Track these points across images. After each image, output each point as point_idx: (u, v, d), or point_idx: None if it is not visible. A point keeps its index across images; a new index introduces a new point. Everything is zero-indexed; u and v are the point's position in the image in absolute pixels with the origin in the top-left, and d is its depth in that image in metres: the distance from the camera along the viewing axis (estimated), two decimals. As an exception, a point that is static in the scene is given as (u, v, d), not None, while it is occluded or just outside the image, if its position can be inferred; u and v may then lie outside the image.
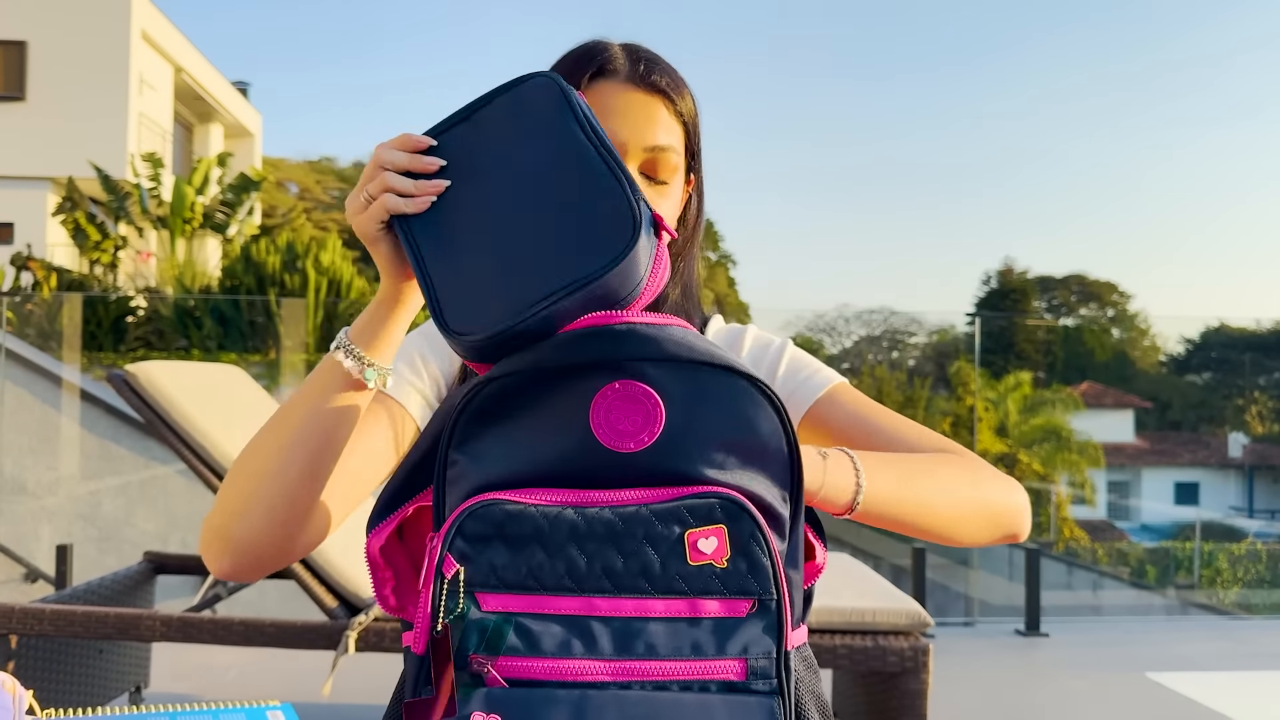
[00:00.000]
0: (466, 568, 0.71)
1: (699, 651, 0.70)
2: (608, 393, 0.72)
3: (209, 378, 2.67)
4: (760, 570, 0.71)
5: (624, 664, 0.70)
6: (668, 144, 1.00)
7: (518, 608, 0.70)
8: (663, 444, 0.72)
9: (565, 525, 0.70)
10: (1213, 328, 32.19)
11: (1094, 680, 3.62)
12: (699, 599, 0.71)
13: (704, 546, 0.71)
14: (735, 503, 0.71)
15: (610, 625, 0.70)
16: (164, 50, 19.95)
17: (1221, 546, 15.11)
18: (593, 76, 1.00)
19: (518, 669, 0.70)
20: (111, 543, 6.48)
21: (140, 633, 2.30)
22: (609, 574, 0.70)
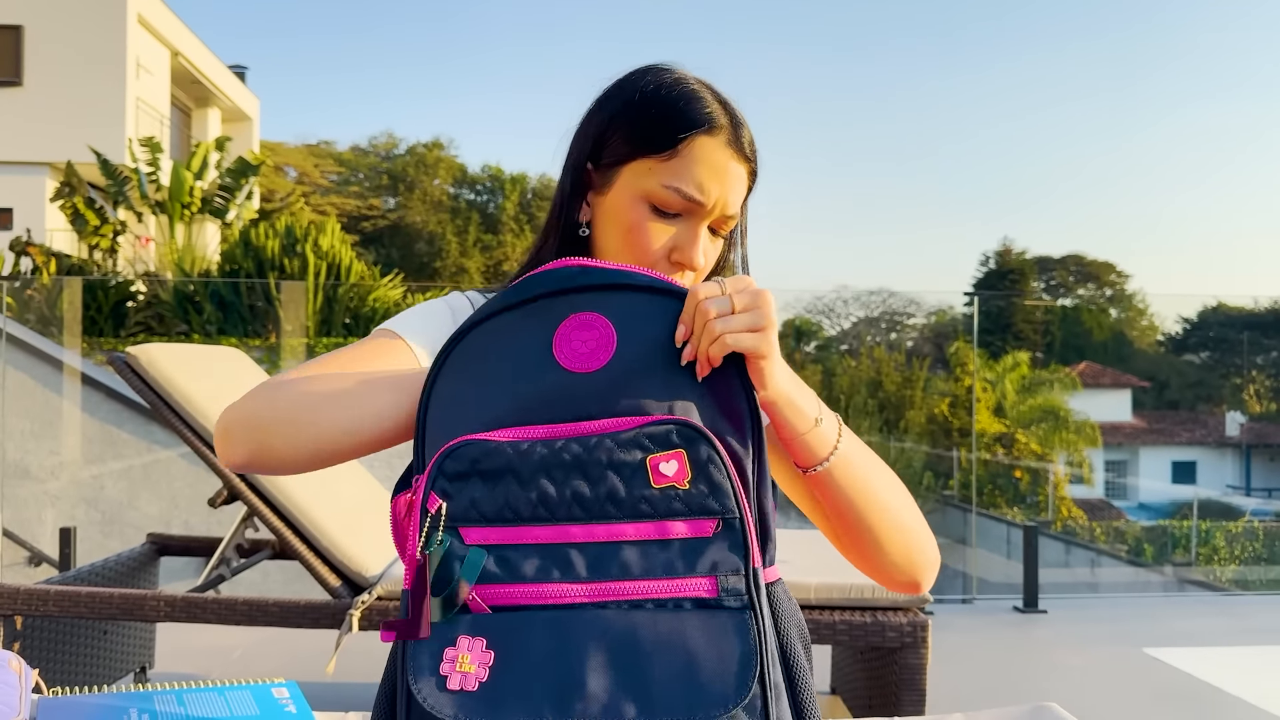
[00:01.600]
0: (448, 504, 0.75)
1: (670, 571, 0.75)
2: (570, 322, 0.81)
3: (210, 359, 2.69)
4: (720, 490, 0.76)
5: (600, 585, 0.74)
6: (736, 213, 1.06)
7: (497, 539, 0.75)
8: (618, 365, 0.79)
9: (535, 457, 0.76)
10: (1210, 307, 32.21)
11: (1092, 656, 3.65)
12: (666, 521, 0.75)
13: (665, 469, 0.76)
14: (691, 427, 0.76)
15: (585, 551, 0.75)
16: (160, 34, 19.86)
17: (1219, 525, 15.17)
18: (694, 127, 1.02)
19: (500, 595, 0.74)
20: (115, 526, 6.51)
21: (145, 613, 2.32)
22: (579, 501, 0.75)
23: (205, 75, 22.24)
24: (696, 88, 1.04)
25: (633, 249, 1.04)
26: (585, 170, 1.07)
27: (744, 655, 0.73)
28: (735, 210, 1.05)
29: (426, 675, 0.73)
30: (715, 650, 0.73)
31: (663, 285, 0.83)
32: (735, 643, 0.73)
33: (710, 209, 1.03)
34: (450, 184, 36.04)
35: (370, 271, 13.65)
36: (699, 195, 1.01)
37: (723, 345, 0.79)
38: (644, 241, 1.03)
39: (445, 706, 0.72)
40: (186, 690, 1.24)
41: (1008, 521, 12.28)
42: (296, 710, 1.23)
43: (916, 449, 14.69)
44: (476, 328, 0.82)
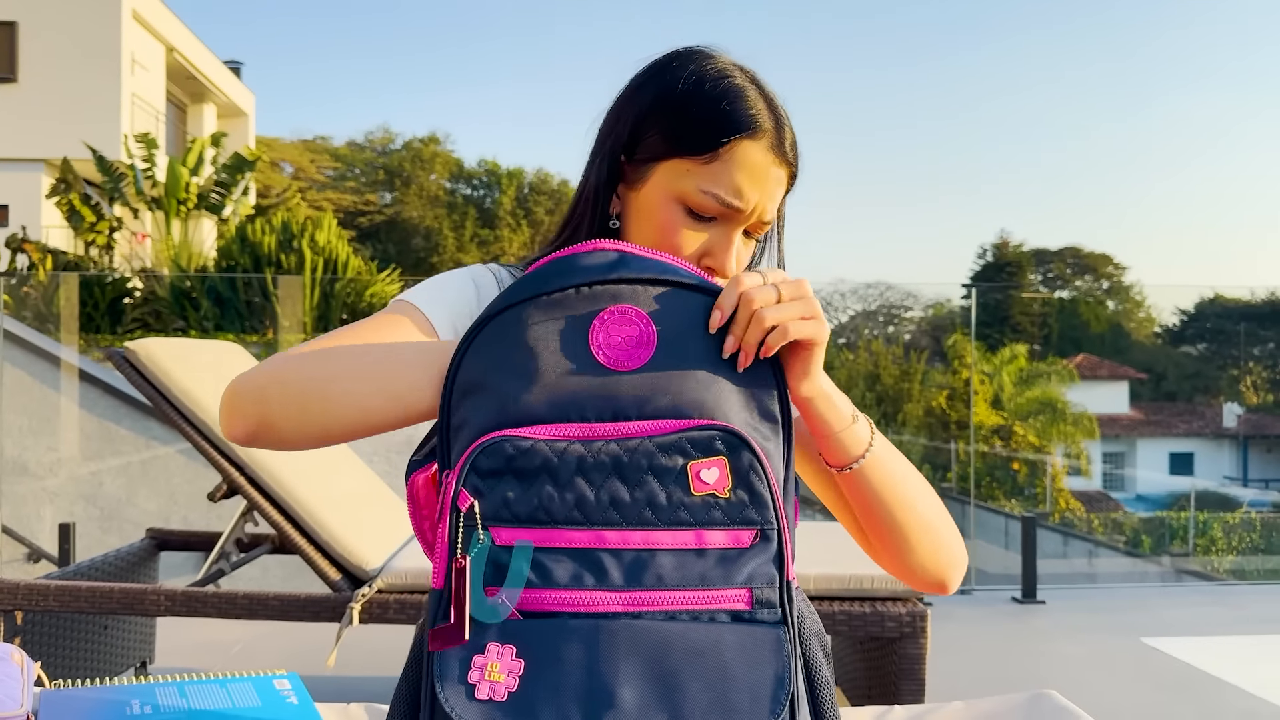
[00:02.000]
0: (480, 502, 0.73)
1: (706, 582, 0.73)
2: (605, 316, 0.77)
3: (208, 353, 2.69)
4: (760, 501, 0.74)
5: (634, 594, 0.72)
6: (774, 217, 1.03)
7: (530, 541, 0.72)
8: (658, 364, 0.76)
9: (573, 458, 0.73)
10: (1207, 299, 32.26)
11: (1090, 646, 3.66)
12: (704, 530, 0.73)
13: (706, 477, 0.74)
14: (735, 435, 0.74)
15: (620, 557, 0.73)
16: (155, 30, 19.80)
17: (1216, 515, 15.21)
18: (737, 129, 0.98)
19: (532, 600, 0.72)
20: (114, 522, 6.51)
21: (145, 607, 2.32)
22: (616, 506, 0.73)
23: (200, 71, 22.18)
24: (741, 84, 0.99)
25: (663, 249, 0.99)
26: (619, 162, 1.03)
27: (778, 674, 0.72)
28: (772, 216, 1.01)
29: (454, 683, 0.71)
30: (749, 667, 0.72)
31: (707, 285, 0.80)
32: (770, 660, 0.72)
33: (748, 215, 0.99)
34: (447, 179, 36.00)
35: (367, 267, 13.63)
36: (737, 202, 0.97)
37: (783, 333, 0.78)
38: (676, 243, 0.99)
39: (473, 716, 0.70)
40: (188, 682, 1.24)
41: (1006, 514, 12.31)
42: (298, 701, 1.23)
43: (914, 442, 14.71)
44: (507, 311, 0.78)
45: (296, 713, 1.20)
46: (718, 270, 1.00)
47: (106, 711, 1.14)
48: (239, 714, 1.17)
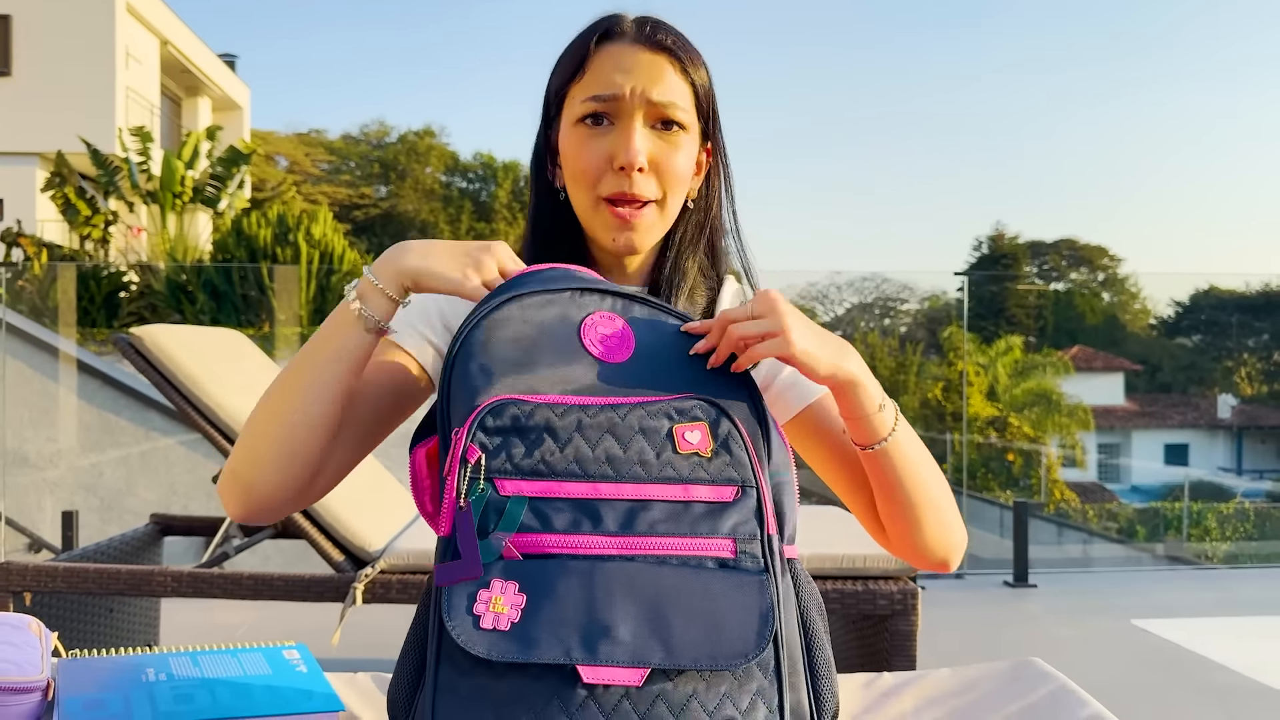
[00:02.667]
0: (486, 456, 0.80)
1: (694, 530, 0.80)
2: (595, 318, 0.89)
3: (212, 341, 2.72)
4: (739, 462, 0.82)
5: (628, 539, 0.79)
6: (672, 100, 1.04)
7: (531, 491, 0.79)
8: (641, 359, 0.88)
9: (572, 419, 0.81)
10: (1202, 290, 32.30)
11: (1080, 628, 3.72)
12: (690, 485, 0.81)
13: (690, 438, 0.82)
14: (713, 404, 0.84)
15: (614, 507, 0.80)
16: (149, 23, 19.76)
17: (1210, 506, 15.26)
18: (601, 39, 1.05)
19: (532, 544, 0.78)
20: (113, 512, 6.54)
21: (152, 588, 2.36)
22: (611, 461, 0.81)
23: (195, 64, 22.14)
24: (610, 14, 1.07)
25: (581, 179, 1.05)
26: (546, 136, 1.11)
27: (762, 612, 0.78)
28: (667, 97, 1.03)
29: (461, 615, 0.76)
30: (735, 606, 0.78)
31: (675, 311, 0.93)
32: (754, 600, 0.78)
33: (630, 100, 1.02)
34: (442, 172, 35.96)
35: (363, 260, 13.65)
36: (610, 90, 1.02)
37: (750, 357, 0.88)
38: (586, 164, 1.04)
39: (478, 643, 0.75)
40: (201, 652, 1.27)
41: (1000, 504, 12.35)
42: (307, 670, 1.26)
43: (910, 433, 14.72)
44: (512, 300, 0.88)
45: (306, 681, 1.22)
46: (626, 165, 1.02)
47: (122, 679, 1.16)
48: (250, 681, 1.20)
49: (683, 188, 1.08)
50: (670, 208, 1.07)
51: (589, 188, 1.05)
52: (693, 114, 1.06)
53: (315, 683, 1.21)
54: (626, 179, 1.03)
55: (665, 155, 1.04)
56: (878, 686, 1.35)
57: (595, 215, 1.06)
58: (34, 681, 1.06)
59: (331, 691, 1.18)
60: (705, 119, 1.09)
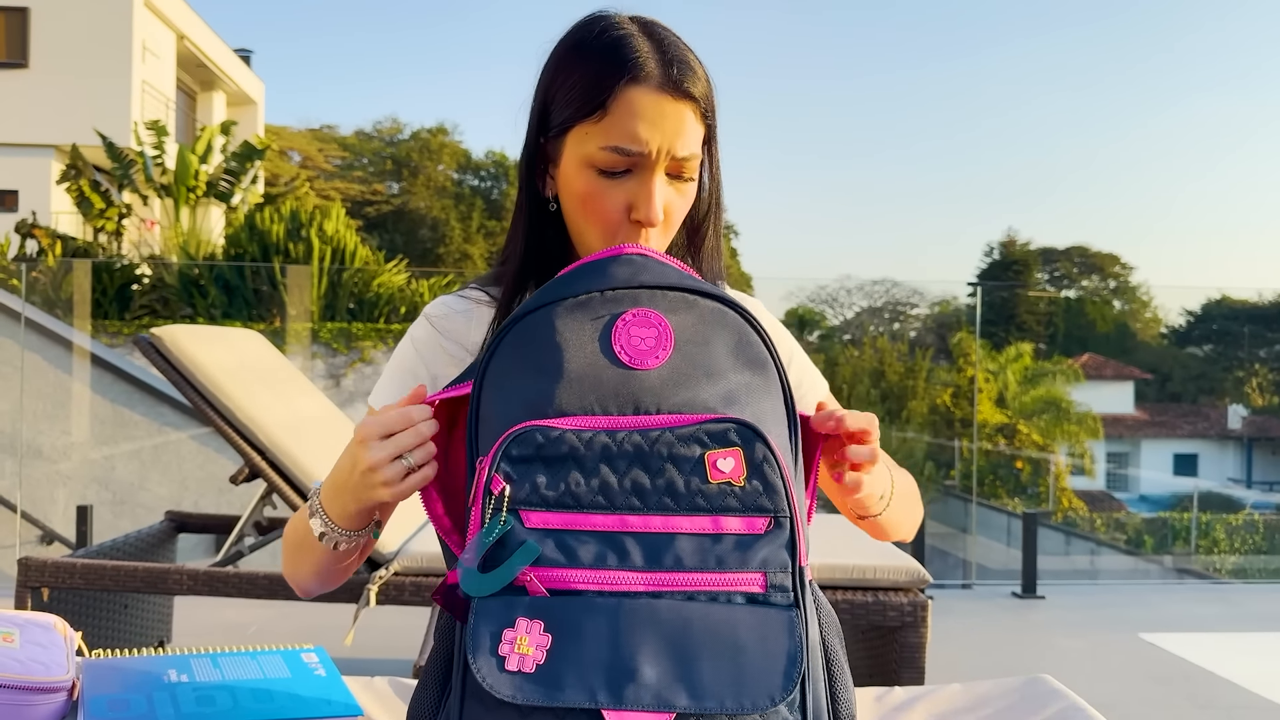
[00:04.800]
0: (511, 487, 0.78)
1: (722, 565, 0.78)
2: (627, 318, 0.83)
3: (230, 341, 2.75)
4: (773, 490, 0.79)
5: (655, 575, 0.77)
6: (693, 152, 1.01)
7: (557, 524, 0.78)
8: (675, 364, 0.82)
9: (598, 447, 0.79)
10: (1214, 299, 32.17)
11: (1088, 640, 3.72)
12: (720, 516, 0.78)
13: (723, 466, 0.79)
14: (749, 427, 0.79)
15: (641, 540, 0.78)
16: (166, 17, 19.83)
17: (1219, 517, 15.20)
18: (625, 82, 0.98)
19: (558, 579, 0.77)
20: (126, 506, 6.58)
21: (168, 586, 2.38)
22: (638, 492, 0.78)
23: (210, 59, 22.21)
24: (624, 33, 1.00)
25: (592, 217, 1.02)
26: (539, 143, 1.06)
27: (791, 652, 0.76)
28: (689, 151, 1.00)
29: (485, 655, 0.75)
30: (764, 645, 0.76)
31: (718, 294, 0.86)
32: (783, 639, 0.76)
33: (654, 157, 0.99)
34: (454, 169, 35.98)
35: (374, 257, 13.67)
36: (636, 147, 0.98)
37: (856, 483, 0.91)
38: (600, 208, 1.01)
39: (503, 686, 0.74)
40: (221, 654, 1.29)
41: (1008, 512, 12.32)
42: (325, 674, 1.27)
43: (918, 439, 14.71)
44: (535, 313, 0.84)
45: (324, 684, 1.23)
46: (644, 221, 1.00)
47: (145, 680, 1.17)
48: (270, 684, 1.21)
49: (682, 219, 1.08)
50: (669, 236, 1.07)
51: (605, 232, 1.03)
52: (700, 148, 1.04)
53: (333, 687, 1.23)
54: (641, 232, 1.02)
55: (676, 204, 1.04)
56: (888, 701, 1.36)
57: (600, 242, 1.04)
58: (60, 681, 1.08)
59: (350, 696, 1.19)
60: (707, 144, 1.07)
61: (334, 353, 10.11)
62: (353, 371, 10.08)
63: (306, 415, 2.80)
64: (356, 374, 10.07)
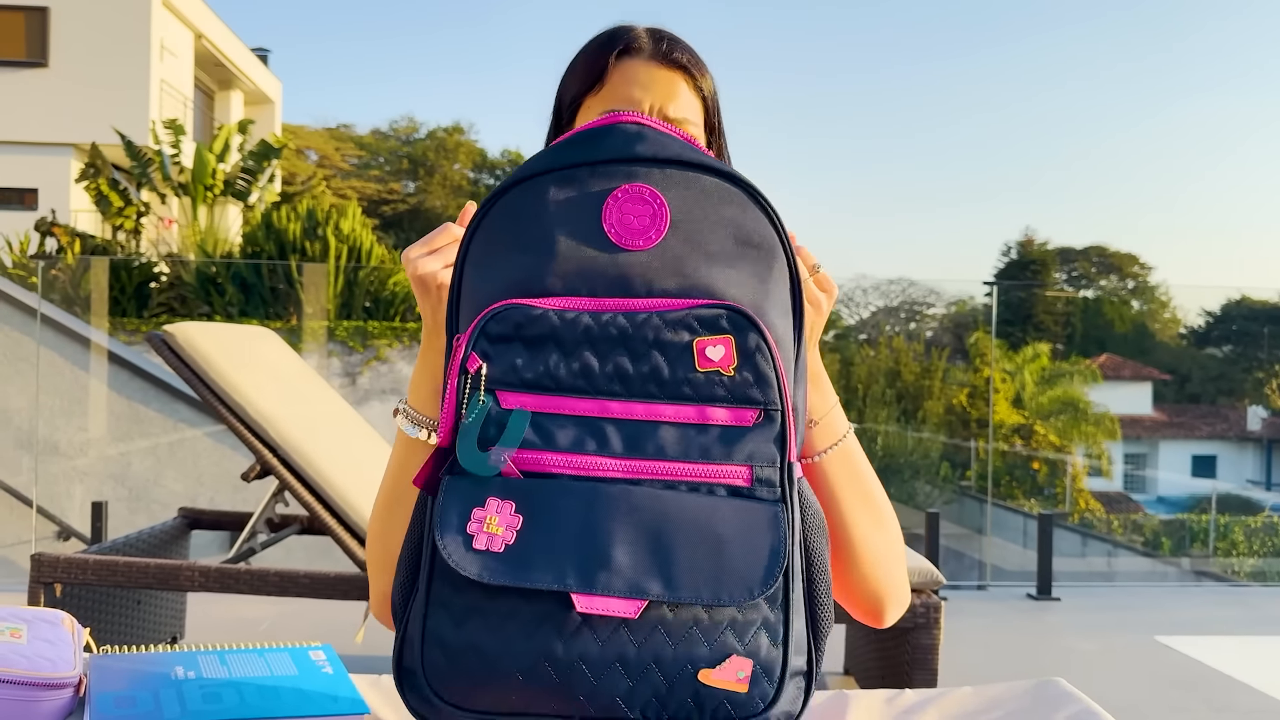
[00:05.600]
0: (488, 365, 0.75)
1: (706, 455, 0.74)
2: (619, 194, 0.78)
3: (243, 338, 2.75)
4: (765, 382, 0.75)
5: (634, 462, 0.74)
6: (686, 116, 1.07)
7: (535, 406, 0.75)
8: (669, 244, 0.77)
9: (580, 327, 0.75)
10: (1234, 300, 31.94)
11: (1103, 642, 3.69)
12: (707, 406, 0.75)
13: (711, 354, 0.75)
14: (742, 314, 0.75)
15: (622, 427, 0.74)
16: (184, 16, 19.95)
17: (1238, 519, 15.09)
18: (619, 55, 1.07)
19: (533, 462, 0.74)
20: (141, 503, 6.62)
21: (180, 583, 2.39)
22: (621, 377, 0.75)
23: (228, 58, 22.33)
24: (625, 25, 1.10)
25: None
26: None
27: (773, 547, 0.73)
28: (682, 114, 1.07)
29: (453, 533, 0.73)
30: (745, 538, 0.73)
31: (722, 168, 0.80)
32: (766, 534, 0.73)
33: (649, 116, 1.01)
34: (470, 168, 36.09)
35: (390, 255, 13.71)
36: (629, 105, 1.05)
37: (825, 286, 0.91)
38: None
39: (470, 565, 0.72)
40: (228, 651, 1.29)
41: (1024, 513, 12.26)
42: (333, 671, 1.27)
43: (934, 439, 14.66)
44: (521, 185, 0.80)
45: (332, 682, 1.23)
46: None
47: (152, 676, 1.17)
48: (277, 681, 1.21)
49: None
50: None
51: None
52: (702, 127, 1.10)
53: (341, 685, 1.22)
54: None
55: None
56: (899, 704, 1.34)
57: None
58: (67, 678, 1.08)
59: (357, 694, 1.19)
60: (710, 129, 1.12)
61: (350, 351, 10.14)
62: (368, 370, 10.11)
63: (320, 413, 2.81)
64: (372, 372, 10.10)
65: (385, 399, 9.73)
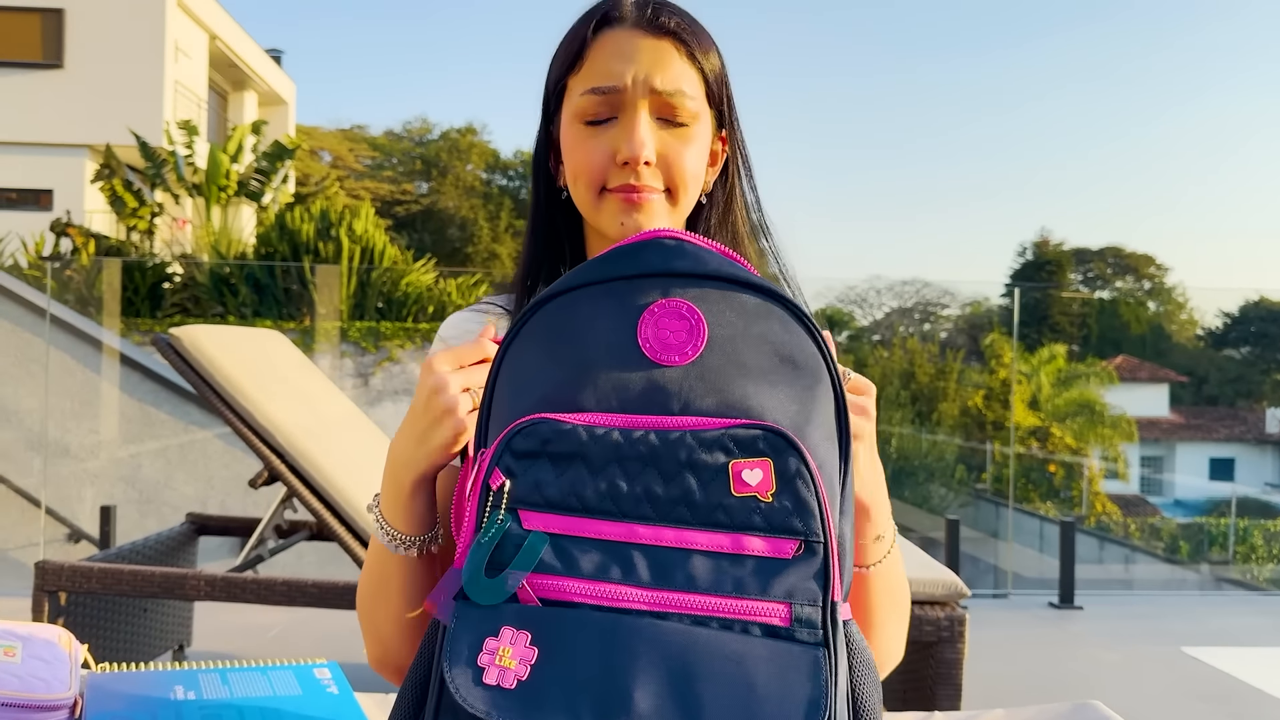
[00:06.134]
0: (512, 483, 0.70)
1: (741, 589, 0.68)
2: (655, 309, 0.74)
3: (251, 341, 2.71)
4: (806, 510, 0.69)
5: (662, 594, 0.67)
6: (678, 88, 0.95)
7: (558, 528, 0.69)
8: (707, 361, 0.73)
9: (609, 444, 0.70)
10: (1252, 301, 31.73)
11: (1129, 654, 3.62)
12: (742, 534, 0.68)
13: (748, 478, 0.69)
14: (782, 436, 0.69)
15: (650, 554, 0.68)
16: (198, 17, 20.03)
17: (1257, 523, 14.96)
18: (598, 27, 0.96)
19: (552, 588, 0.68)
20: (152, 505, 6.61)
21: (185, 592, 2.34)
22: (650, 499, 0.69)
23: (242, 59, 22.40)
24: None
25: (582, 174, 0.96)
26: (548, 133, 1.03)
27: (812, 699, 0.65)
28: (673, 86, 0.94)
29: (463, 665, 0.68)
30: (781, 687, 0.66)
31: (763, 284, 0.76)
32: (804, 683, 0.66)
33: (633, 90, 0.94)
34: (483, 169, 36.13)
35: (403, 256, 13.71)
36: (610, 82, 0.94)
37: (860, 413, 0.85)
38: (588, 160, 0.95)
39: (478, 701, 0.66)
40: (230, 669, 1.25)
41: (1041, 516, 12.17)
42: (338, 691, 1.23)
43: (949, 441, 14.60)
44: (558, 298, 0.76)
45: (336, 702, 1.20)
46: (631, 160, 0.94)
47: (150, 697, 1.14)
48: (280, 702, 1.18)
49: (694, 183, 0.98)
50: (682, 203, 0.98)
51: (592, 184, 0.96)
52: (703, 102, 0.97)
53: (346, 706, 1.18)
54: (632, 173, 0.94)
55: (674, 150, 0.96)
56: (930, 729, 1.28)
57: (600, 207, 0.97)
58: (61, 699, 1.05)
59: (362, 715, 1.15)
60: (719, 106, 1.00)
61: (363, 351, 10.15)
62: (381, 370, 10.12)
63: (328, 418, 2.76)
64: (385, 373, 10.11)
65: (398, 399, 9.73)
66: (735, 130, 1.03)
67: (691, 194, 0.98)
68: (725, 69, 1.00)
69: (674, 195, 0.97)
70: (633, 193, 0.95)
